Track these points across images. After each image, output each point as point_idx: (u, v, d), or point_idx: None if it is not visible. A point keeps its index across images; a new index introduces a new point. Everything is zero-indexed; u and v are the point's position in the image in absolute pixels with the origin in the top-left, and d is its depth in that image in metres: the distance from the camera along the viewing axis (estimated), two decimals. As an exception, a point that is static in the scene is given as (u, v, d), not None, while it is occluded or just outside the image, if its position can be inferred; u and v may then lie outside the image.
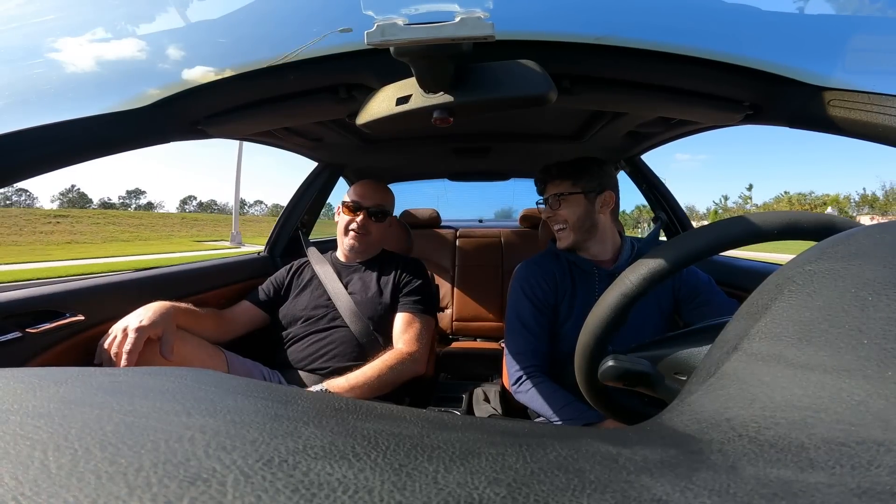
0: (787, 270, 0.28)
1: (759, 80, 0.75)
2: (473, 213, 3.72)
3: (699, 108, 0.92)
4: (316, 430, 0.19)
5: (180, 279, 1.44)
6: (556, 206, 1.18)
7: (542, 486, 0.15)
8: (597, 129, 1.53)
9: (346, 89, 0.88)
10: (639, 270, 0.54)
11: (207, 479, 0.15)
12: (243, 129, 1.05)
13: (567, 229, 1.17)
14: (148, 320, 1.01)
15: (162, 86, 0.80)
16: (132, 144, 0.83)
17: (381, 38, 0.52)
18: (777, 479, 0.16)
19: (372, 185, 1.48)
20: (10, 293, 0.99)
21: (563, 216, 1.17)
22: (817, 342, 0.22)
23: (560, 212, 1.18)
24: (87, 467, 0.15)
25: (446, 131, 1.68)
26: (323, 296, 1.40)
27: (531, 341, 1.16)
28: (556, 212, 1.18)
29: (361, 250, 1.45)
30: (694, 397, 0.25)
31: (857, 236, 0.28)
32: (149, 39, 0.79)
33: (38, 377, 0.25)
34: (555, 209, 1.18)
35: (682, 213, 1.84)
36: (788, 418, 0.19)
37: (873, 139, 0.67)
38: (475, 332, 2.36)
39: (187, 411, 0.21)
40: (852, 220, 0.50)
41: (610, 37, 0.72)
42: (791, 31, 0.76)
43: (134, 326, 0.99)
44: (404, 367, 1.24)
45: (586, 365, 0.58)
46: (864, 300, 0.23)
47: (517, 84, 0.64)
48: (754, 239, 0.52)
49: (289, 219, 1.94)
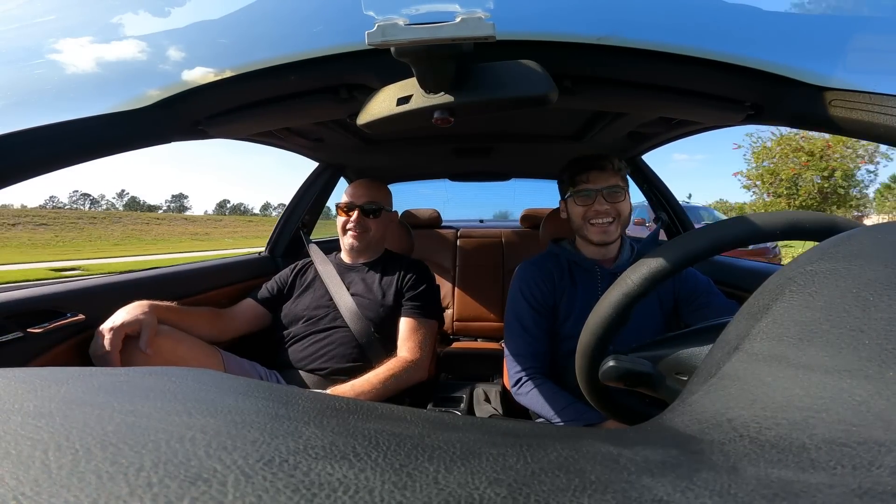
0: (789, 271, 0.28)
1: (761, 80, 0.75)
2: (473, 214, 3.72)
3: (700, 109, 0.92)
4: (316, 430, 0.19)
5: (180, 279, 1.44)
6: (612, 198, 1.14)
7: (542, 486, 0.15)
8: (598, 129, 1.52)
9: (346, 89, 0.88)
10: (640, 270, 0.54)
11: (208, 479, 0.15)
12: (244, 129, 1.05)
13: (615, 223, 1.15)
14: (122, 318, 1.03)
15: (163, 86, 0.80)
16: (134, 144, 0.83)
17: (382, 38, 0.52)
18: (778, 479, 0.16)
19: (364, 183, 1.48)
20: (11, 293, 0.99)
21: (618, 209, 1.14)
22: (818, 342, 0.22)
23: (617, 205, 1.14)
24: (87, 467, 0.15)
25: (447, 132, 1.68)
26: (325, 296, 1.40)
27: (530, 343, 1.16)
28: (613, 204, 1.14)
29: (362, 248, 1.45)
30: (695, 397, 0.25)
31: (858, 236, 0.28)
32: (150, 40, 0.79)
33: (39, 377, 0.25)
34: (612, 202, 1.14)
35: (682, 214, 1.84)
36: (789, 419, 0.19)
37: (875, 139, 0.67)
38: (476, 332, 2.36)
39: (188, 411, 0.21)
40: (854, 221, 0.50)
41: (611, 37, 0.72)
42: (792, 31, 0.76)
43: (108, 327, 1.02)
44: (407, 375, 1.25)
45: (587, 365, 0.58)
46: (866, 300, 0.23)
47: (518, 84, 0.64)
48: (756, 239, 0.52)
49: (290, 219, 1.94)
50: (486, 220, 3.71)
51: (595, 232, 1.15)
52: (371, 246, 1.48)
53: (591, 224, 1.15)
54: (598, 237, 1.15)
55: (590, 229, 1.16)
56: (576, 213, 1.18)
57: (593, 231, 1.15)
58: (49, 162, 0.72)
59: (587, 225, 1.16)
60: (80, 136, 0.75)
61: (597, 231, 1.15)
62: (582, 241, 1.23)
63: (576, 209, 1.17)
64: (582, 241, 1.23)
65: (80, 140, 0.75)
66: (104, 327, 1.02)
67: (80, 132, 0.74)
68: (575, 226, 1.20)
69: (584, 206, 1.15)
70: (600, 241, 1.16)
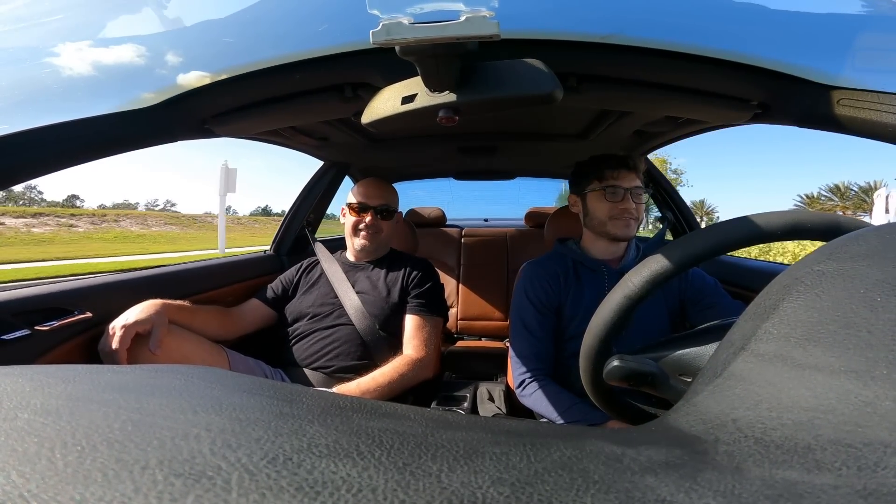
0: (796, 271, 0.28)
1: (768, 78, 0.75)
2: (476, 213, 3.70)
3: (707, 108, 0.91)
4: (320, 428, 0.19)
5: (186, 277, 1.45)
6: (637, 199, 1.16)
7: (545, 485, 0.15)
8: (603, 127, 1.52)
9: (351, 88, 0.88)
10: (642, 272, 0.54)
11: (212, 477, 0.15)
12: (249, 128, 1.06)
13: (636, 222, 1.17)
14: (134, 317, 1.04)
15: (169, 86, 0.80)
16: (140, 143, 0.84)
17: (387, 37, 0.52)
18: (783, 480, 0.16)
19: (375, 183, 1.48)
20: (19, 290, 1.00)
21: (640, 210, 1.17)
22: (825, 343, 0.22)
23: (639, 206, 1.17)
24: (93, 464, 0.15)
25: (452, 130, 1.68)
26: (330, 293, 1.41)
27: (534, 344, 1.16)
28: (637, 205, 1.16)
29: (373, 249, 1.46)
30: (700, 398, 0.25)
31: (866, 237, 0.28)
32: (155, 39, 0.80)
33: (46, 374, 0.25)
34: (637, 202, 1.16)
35: (689, 213, 1.83)
36: (795, 419, 0.19)
37: (882, 139, 0.66)
38: (480, 331, 2.36)
39: (193, 409, 0.21)
40: (858, 220, 0.49)
41: (616, 35, 0.71)
42: (800, 30, 0.75)
43: (120, 324, 1.02)
44: (413, 374, 1.26)
45: (591, 366, 0.58)
46: (873, 301, 0.23)
47: (523, 83, 0.64)
48: (758, 240, 0.52)
49: (294, 217, 1.95)
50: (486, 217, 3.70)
51: (619, 227, 1.15)
52: (380, 246, 1.48)
53: (613, 220, 1.16)
54: (622, 231, 1.16)
55: (612, 224, 1.16)
56: (600, 209, 1.18)
57: (617, 225, 1.16)
58: (57, 161, 0.73)
59: (609, 220, 1.16)
60: (87, 135, 0.75)
61: (621, 226, 1.15)
62: (592, 238, 1.22)
63: (602, 205, 1.17)
64: (591, 240, 1.23)
65: (88, 139, 0.76)
66: (115, 324, 1.02)
67: (87, 131, 0.75)
68: (594, 221, 1.20)
69: (613, 203, 1.15)
70: (623, 236, 1.17)
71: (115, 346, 1.00)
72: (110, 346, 1.00)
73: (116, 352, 1.00)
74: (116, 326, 1.02)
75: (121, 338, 1.00)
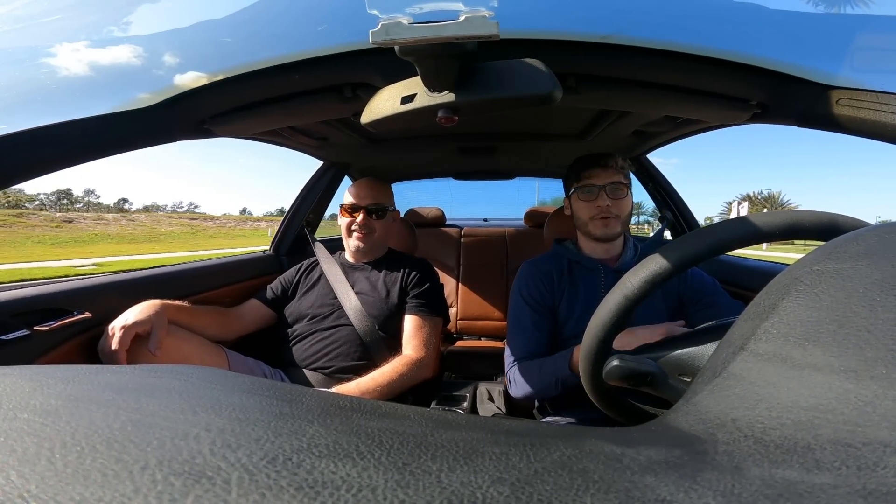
0: (795, 270, 0.28)
1: (767, 78, 0.75)
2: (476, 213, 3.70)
3: (706, 107, 0.91)
4: (320, 428, 0.19)
5: (185, 277, 1.45)
6: (614, 195, 1.16)
7: (545, 485, 0.15)
8: (602, 127, 1.52)
9: (351, 88, 0.88)
10: (641, 273, 0.54)
11: (212, 477, 0.15)
12: (249, 128, 1.06)
13: (617, 219, 1.16)
14: (134, 317, 1.03)
15: (168, 86, 0.80)
16: (140, 143, 0.84)
17: (386, 37, 0.52)
18: (782, 479, 0.16)
19: (367, 183, 1.48)
20: (18, 291, 1.00)
21: (620, 206, 1.16)
22: (824, 343, 0.22)
23: (619, 201, 1.16)
24: (93, 464, 0.15)
25: (451, 130, 1.68)
26: (329, 294, 1.41)
27: (528, 343, 1.16)
28: (616, 201, 1.16)
29: (367, 249, 1.45)
30: (699, 397, 0.25)
31: (865, 236, 0.28)
32: (155, 39, 0.80)
33: (45, 374, 0.25)
34: (614, 198, 1.16)
35: (688, 213, 1.83)
36: (794, 419, 0.19)
37: (881, 138, 0.66)
38: (479, 330, 2.36)
39: (193, 409, 0.21)
40: (855, 220, 0.49)
41: (615, 35, 0.71)
42: (799, 30, 0.75)
43: (120, 325, 1.02)
44: (413, 374, 1.26)
45: (590, 366, 0.58)
46: (873, 300, 0.23)
47: (522, 83, 0.64)
48: (756, 240, 0.52)
49: (294, 217, 1.95)
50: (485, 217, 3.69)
51: (597, 226, 1.17)
52: (376, 246, 1.48)
53: (594, 220, 1.17)
54: (601, 231, 1.17)
55: (592, 224, 1.17)
56: (579, 209, 1.20)
57: (596, 226, 1.17)
58: (57, 160, 0.73)
59: (590, 221, 1.18)
60: (87, 135, 0.75)
61: (599, 225, 1.16)
62: (584, 239, 1.23)
63: (579, 204, 1.19)
64: (584, 240, 1.23)
65: (88, 139, 0.76)
66: (115, 325, 1.02)
67: (87, 131, 0.75)
68: (579, 222, 1.22)
69: (588, 202, 1.17)
70: (602, 236, 1.17)
71: (115, 346, 0.99)
72: (110, 346, 1.00)
73: (116, 352, 1.00)
74: (116, 327, 1.02)
75: (120, 338, 1.00)
